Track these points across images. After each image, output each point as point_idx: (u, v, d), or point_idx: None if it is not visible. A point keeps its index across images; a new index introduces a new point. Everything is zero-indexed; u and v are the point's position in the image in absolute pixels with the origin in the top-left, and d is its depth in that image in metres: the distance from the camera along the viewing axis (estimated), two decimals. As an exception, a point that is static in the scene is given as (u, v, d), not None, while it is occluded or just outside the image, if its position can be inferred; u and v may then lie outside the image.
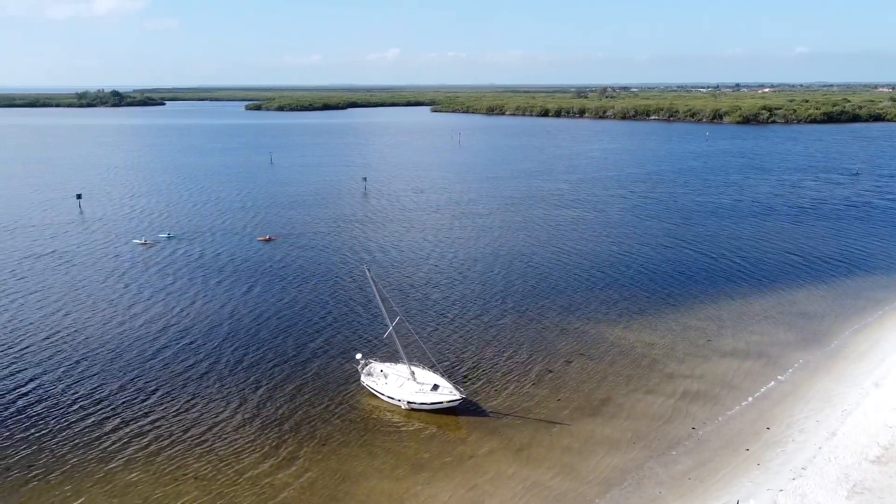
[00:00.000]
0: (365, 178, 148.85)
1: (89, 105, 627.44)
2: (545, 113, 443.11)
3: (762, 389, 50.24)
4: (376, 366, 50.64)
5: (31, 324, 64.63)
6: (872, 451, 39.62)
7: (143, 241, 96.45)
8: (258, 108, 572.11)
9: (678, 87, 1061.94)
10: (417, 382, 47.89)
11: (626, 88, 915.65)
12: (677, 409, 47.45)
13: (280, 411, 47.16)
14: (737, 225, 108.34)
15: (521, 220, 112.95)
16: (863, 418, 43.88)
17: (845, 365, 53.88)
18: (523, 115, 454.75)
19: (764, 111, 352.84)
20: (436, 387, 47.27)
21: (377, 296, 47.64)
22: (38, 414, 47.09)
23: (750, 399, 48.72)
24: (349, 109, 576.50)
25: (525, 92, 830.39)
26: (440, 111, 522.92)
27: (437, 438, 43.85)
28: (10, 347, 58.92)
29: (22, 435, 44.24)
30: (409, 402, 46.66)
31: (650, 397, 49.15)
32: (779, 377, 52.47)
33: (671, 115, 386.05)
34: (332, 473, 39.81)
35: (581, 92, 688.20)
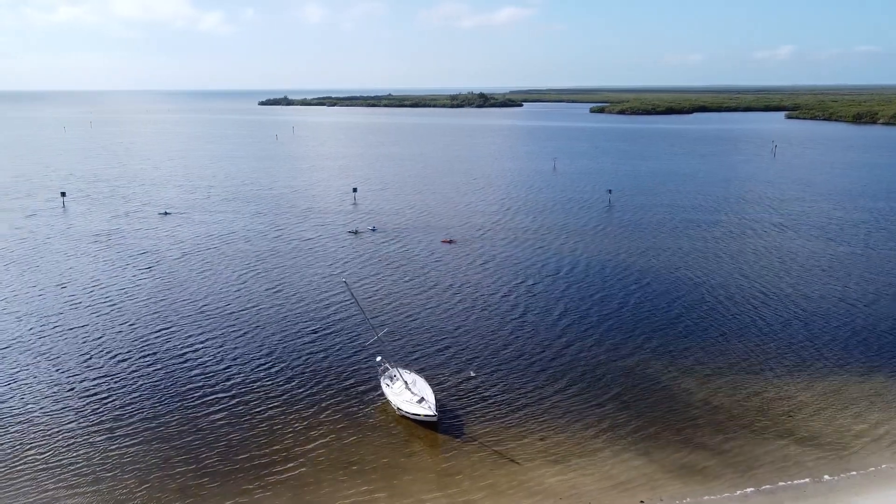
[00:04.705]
0: (610, 191, 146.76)
1: (459, 106, 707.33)
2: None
3: (781, 483, 41.74)
4: (392, 370, 55.00)
5: (243, 298, 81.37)
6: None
7: (354, 231, 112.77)
8: (601, 110, 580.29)
9: None
10: (412, 392, 51.17)
11: None
12: (651, 480, 42.49)
13: (308, 394, 54.83)
14: None
15: (748, 250, 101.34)
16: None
17: (933, 484, 41.14)
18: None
19: None
20: (422, 399, 50.05)
21: (360, 308, 52.01)
22: (186, 366, 62.37)
23: (748, 490, 41.07)
24: (695, 114, 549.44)
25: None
26: (797, 118, 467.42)
27: (395, 445, 47.01)
28: (220, 314, 76.70)
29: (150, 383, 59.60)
30: (398, 409, 50.44)
31: (635, 461, 44.59)
32: (825, 476, 42.67)
33: None
34: (288, 460, 45.86)
35: None
